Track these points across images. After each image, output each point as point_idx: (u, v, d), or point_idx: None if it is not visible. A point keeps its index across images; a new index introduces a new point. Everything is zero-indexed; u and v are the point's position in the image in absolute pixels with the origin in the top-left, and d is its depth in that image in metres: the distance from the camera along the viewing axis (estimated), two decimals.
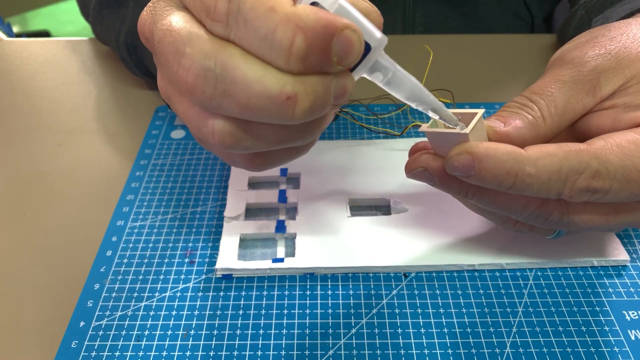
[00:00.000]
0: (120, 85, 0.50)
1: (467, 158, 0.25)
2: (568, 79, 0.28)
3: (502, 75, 0.50)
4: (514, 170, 0.25)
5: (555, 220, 0.27)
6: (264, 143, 0.22)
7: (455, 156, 0.26)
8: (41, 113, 0.47)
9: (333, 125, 0.44)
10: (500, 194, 0.27)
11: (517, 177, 0.25)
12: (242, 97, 0.20)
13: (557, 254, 0.32)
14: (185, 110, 0.22)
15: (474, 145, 0.25)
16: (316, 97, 0.20)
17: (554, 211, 0.27)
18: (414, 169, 0.28)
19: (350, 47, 0.19)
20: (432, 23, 0.58)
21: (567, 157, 0.25)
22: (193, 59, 0.20)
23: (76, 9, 0.62)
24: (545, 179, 0.25)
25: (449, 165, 0.26)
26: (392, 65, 0.22)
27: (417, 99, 0.24)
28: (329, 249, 0.33)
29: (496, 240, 0.33)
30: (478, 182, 0.26)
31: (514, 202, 0.27)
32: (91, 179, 0.40)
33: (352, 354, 0.28)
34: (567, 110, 0.27)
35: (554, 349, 0.28)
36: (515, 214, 0.27)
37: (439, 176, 0.27)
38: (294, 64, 0.19)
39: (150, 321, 0.30)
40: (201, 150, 0.41)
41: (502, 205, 0.27)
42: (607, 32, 0.29)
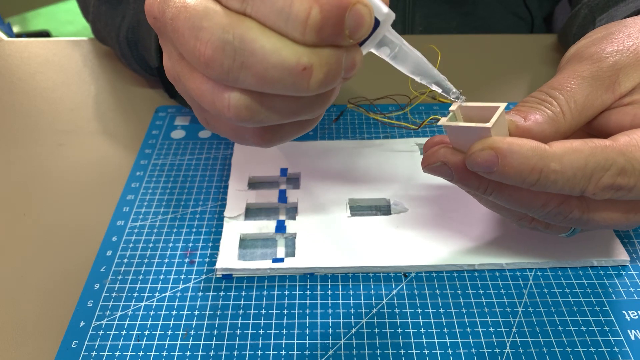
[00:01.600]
0: (121, 85, 0.50)
1: (490, 154, 0.24)
2: (587, 74, 0.27)
3: (502, 76, 0.50)
4: (539, 166, 0.24)
5: (575, 218, 0.27)
6: (278, 115, 0.23)
7: (478, 152, 0.25)
8: (41, 113, 0.47)
9: (333, 125, 0.44)
10: (520, 191, 0.26)
11: (542, 173, 0.24)
12: (260, 69, 0.20)
13: (557, 254, 0.32)
14: (198, 86, 0.23)
15: (498, 141, 0.25)
16: (329, 68, 0.21)
17: (574, 209, 0.26)
18: (432, 163, 0.27)
19: (362, 20, 0.20)
20: (432, 23, 0.58)
21: (593, 154, 0.24)
22: (212, 32, 0.20)
23: (76, 9, 0.62)
24: (570, 175, 0.24)
25: (470, 162, 0.25)
26: (398, 40, 0.23)
27: (421, 73, 0.24)
28: (329, 249, 0.33)
29: (496, 240, 0.33)
30: (500, 179, 0.25)
31: (534, 199, 0.26)
32: (91, 179, 0.40)
33: (352, 353, 0.28)
34: (587, 106, 0.27)
35: (554, 349, 0.28)
36: (534, 211, 0.27)
37: (458, 171, 0.26)
38: (310, 35, 0.20)
39: (151, 321, 0.30)
40: (201, 150, 0.41)
41: (521, 203, 0.26)
42: (624, 29, 0.29)
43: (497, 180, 0.25)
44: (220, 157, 0.41)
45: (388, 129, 0.43)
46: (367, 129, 0.43)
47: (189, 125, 0.44)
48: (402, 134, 0.43)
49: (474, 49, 0.54)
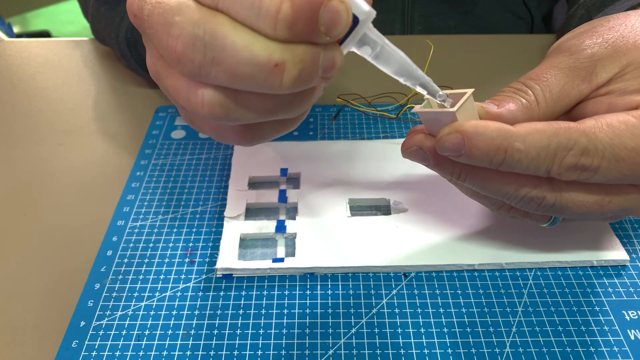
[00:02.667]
0: (121, 85, 0.50)
1: (456, 137, 0.25)
2: (564, 65, 0.28)
3: (501, 76, 0.50)
4: (504, 146, 0.25)
5: (548, 205, 0.27)
6: (254, 114, 0.23)
7: (445, 136, 0.25)
8: (42, 113, 0.47)
9: (333, 125, 0.44)
10: (492, 176, 0.27)
11: (507, 152, 0.25)
12: (231, 65, 0.20)
13: (556, 254, 0.32)
14: (174, 83, 0.23)
15: (464, 124, 0.25)
16: (304, 66, 0.20)
17: (546, 194, 0.27)
18: (409, 148, 0.28)
19: (338, 17, 0.20)
20: (431, 22, 0.58)
21: (556, 134, 0.25)
22: (182, 27, 0.20)
23: (76, 9, 0.62)
24: (534, 154, 0.25)
25: (439, 146, 0.26)
26: (380, 39, 0.23)
27: (405, 74, 0.24)
28: (329, 249, 0.33)
29: (496, 240, 0.33)
30: (469, 161, 0.26)
31: (506, 184, 0.27)
32: (92, 179, 0.40)
33: (352, 353, 0.28)
34: (562, 95, 0.27)
35: (554, 349, 0.28)
36: (509, 197, 0.27)
37: (433, 156, 0.27)
38: (281, 30, 0.20)
39: (151, 321, 0.30)
40: (201, 150, 0.41)
41: (495, 188, 0.27)
42: (606, 23, 0.30)
43: (467, 162, 0.26)
44: (220, 157, 0.41)
45: (388, 129, 0.43)
46: (367, 129, 0.43)
47: (189, 125, 0.44)
48: (402, 133, 0.43)
49: (473, 49, 0.54)
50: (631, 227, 0.35)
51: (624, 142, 0.25)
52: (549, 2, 0.63)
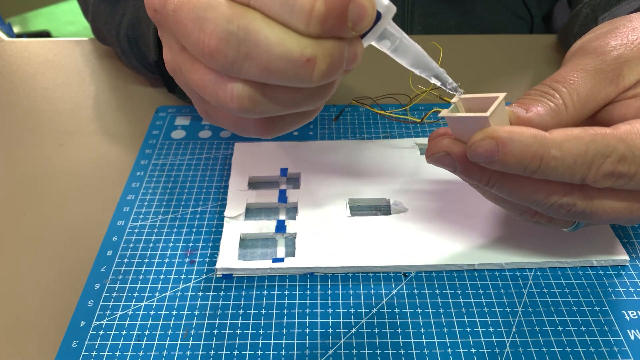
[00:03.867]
0: (121, 85, 0.50)
1: (490, 143, 0.24)
2: (591, 68, 0.27)
3: (501, 76, 0.50)
4: (539, 153, 0.24)
5: (578, 211, 0.26)
6: (280, 106, 0.23)
7: (478, 142, 0.25)
8: (42, 113, 0.47)
9: (333, 125, 0.44)
10: (522, 184, 0.26)
11: (543, 160, 0.24)
12: (264, 60, 0.21)
13: (556, 254, 0.32)
14: (200, 77, 0.23)
15: (498, 130, 0.24)
16: (332, 60, 0.21)
17: (577, 201, 0.26)
18: (435, 153, 0.27)
19: (365, 12, 0.20)
20: (431, 22, 0.58)
21: (594, 140, 0.24)
22: (216, 24, 0.21)
23: (77, 9, 0.62)
24: (570, 162, 0.24)
25: (471, 152, 0.25)
26: (399, 33, 0.23)
27: (421, 66, 0.25)
28: (329, 249, 0.33)
29: (496, 240, 0.33)
30: (501, 168, 0.25)
31: (536, 191, 0.26)
32: (92, 178, 0.40)
33: (352, 353, 0.28)
34: (590, 99, 0.27)
35: (554, 349, 0.28)
36: (537, 204, 0.27)
37: (461, 162, 0.26)
38: (314, 27, 0.20)
39: (151, 321, 0.30)
40: (201, 150, 0.41)
41: (524, 195, 0.26)
42: (629, 23, 0.29)
43: (499, 169, 0.25)
44: (220, 157, 0.41)
45: (388, 129, 0.43)
46: (367, 129, 0.43)
47: (189, 125, 0.44)
48: (402, 133, 0.43)
49: (473, 49, 0.54)
50: (631, 227, 0.35)
51: None
52: (548, 2, 0.63)
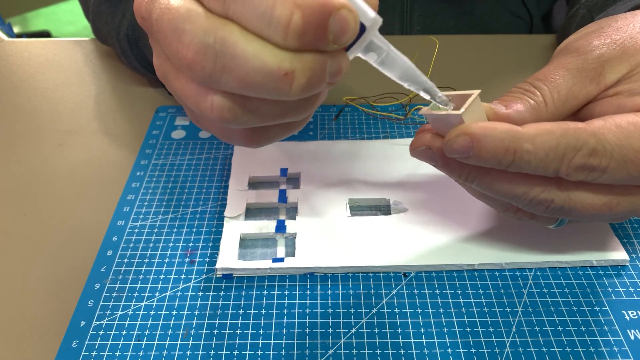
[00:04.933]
0: (121, 85, 0.50)
1: (465, 140, 0.25)
2: (572, 66, 0.28)
3: (500, 76, 0.50)
4: (512, 147, 0.25)
5: (557, 207, 0.27)
6: (261, 118, 0.23)
7: (453, 138, 0.25)
8: (42, 113, 0.47)
9: (333, 125, 0.44)
10: (500, 178, 0.26)
11: (516, 154, 0.25)
12: (241, 73, 0.20)
13: (556, 254, 0.32)
14: (183, 87, 0.23)
15: (471, 126, 0.25)
16: (312, 74, 0.21)
17: (555, 197, 0.26)
18: (417, 147, 0.28)
19: (346, 26, 0.20)
20: (430, 22, 0.58)
21: (565, 134, 0.25)
22: (193, 35, 0.21)
23: (77, 9, 0.62)
24: (542, 155, 0.25)
25: (447, 148, 0.26)
26: (385, 46, 0.23)
27: (409, 79, 0.25)
28: (329, 249, 0.33)
29: (496, 240, 0.33)
30: (477, 163, 0.26)
31: (515, 186, 0.26)
32: (92, 178, 0.40)
33: (352, 353, 0.28)
34: (570, 97, 0.27)
35: (554, 349, 0.28)
36: (517, 200, 0.27)
37: (441, 156, 0.27)
38: (291, 40, 0.20)
39: (151, 321, 0.30)
40: (201, 150, 0.41)
41: (503, 191, 0.27)
42: (614, 23, 0.29)
43: (475, 164, 0.26)
44: (220, 157, 0.41)
45: (388, 129, 0.43)
46: (367, 129, 0.43)
47: (189, 125, 0.44)
48: (402, 133, 0.43)
49: (472, 49, 0.54)
50: (631, 227, 0.35)
51: (632, 143, 0.25)
52: (547, 2, 0.63)
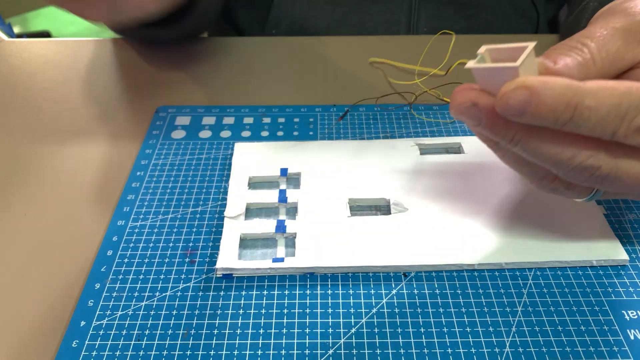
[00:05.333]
0: (121, 85, 0.50)
1: (523, 94, 0.23)
2: (619, 26, 0.27)
3: None
4: (573, 102, 0.23)
5: (602, 175, 0.25)
6: None
7: (511, 92, 0.23)
8: (42, 113, 0.47)
9: (333, 125, 0.44)
10: (549, 139, 0.25)
11: (576, 109, 0.23)
12: None
13: (556, 254, 0.32)
14: None
15: (531, 79, 0.23)
16: None
17: (602, 164, 0.25)
18: (462, 103, 0.26)
19: None
20: (437, 25, 0.58)
21: (629, 92, 0.24)
22: None
23: None
24: (604, 113, 0.23)
25: (502, 104, 0.24)
26: None
27: None
28: (329, 249, 0.33)
29: (496, 240, 0.33)
30: (532, 120, 0.24)
31: (562, 149, 0.25)
32: (92, 178, 0.40)
33: (352, 353, 0.28)
34: (617, 57, 0.26)
35: (553, 349, 0.28)
36: (561, 165, 0.25)
37: (487, 114, 0.25)
38: None
39: (151, 320, 0.30)
40: (201, 150, 0.41)
41: (549, 154, 0.25)
42: None
43: (529, 122, 0.24)
44: (220, 157, 0.41)
45: (388, 129, 0.43)
46: (367, 129, 0.43)
47: (189, 125, 0.44)
48: (402, 133, 0.43)
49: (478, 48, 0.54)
50: (631, 227, 0.35)
51: None
52: (555, 4, 0.63)
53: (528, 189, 0.36)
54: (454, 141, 0.41)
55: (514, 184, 0.37)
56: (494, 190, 0.36)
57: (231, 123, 0.44)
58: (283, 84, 0.50)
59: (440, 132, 0.43)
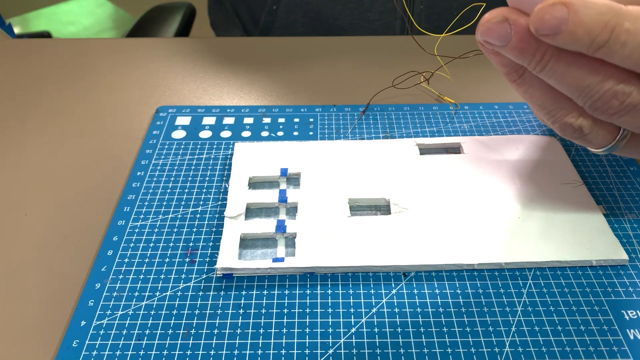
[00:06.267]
0: (121, 85, 0.50)
1: (561, 10, 0.22)
2: None
3: None
4: (612, 23, 0.22)
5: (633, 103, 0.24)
6: None
7: (548, 7, 0.22)
8: (42, 113, 0.47)
9: (333, 125, 0.44)
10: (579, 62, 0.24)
11: (614, 32, 0.22)
12: None
13: (556, 254, 0.32)
14: None
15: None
16: None
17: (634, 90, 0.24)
18: (492, 18, 0.25)
19: None
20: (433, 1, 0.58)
21: None
22: None
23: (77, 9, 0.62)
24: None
25: (537, 20, 0.23)
26: None
27: None
28: (329, 248, 0.33)
29: (495, 240, 0.33)
30: (566, 40, 0.23)
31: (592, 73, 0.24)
32: (92, 178, 0.40)
33: (352, 353, 0.28)
34: None
35: (553, 348, 0.28)
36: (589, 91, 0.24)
37: (518, 32, 0.24)
38: None
39: (151, 320, 0.30)
40: (201, 150, 0.42)
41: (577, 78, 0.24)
42: None
43: (562, 43, 0.23)
44: (220, 157, 0.41)
45: (388, 129, 0.43)
46: (367, 129, 0.43)
47: (189, 125, 0.44)
48: (402, 134, 0.43)
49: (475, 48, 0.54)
50: (631, 227, 0.35)
51: None
52: None
53: (528, 189, 0.36)
54: (454, 141, 0.41)
55: (514, 184, 0.37)
56: (494, 190, 0.36)
57: (231, 123, 0.44)
58: (283, 84, 0.50)
59: (440, 132, 0.43)
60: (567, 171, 0.38)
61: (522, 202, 0.36)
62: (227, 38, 0.58)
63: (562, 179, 0.37)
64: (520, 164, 0.38)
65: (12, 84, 0.50)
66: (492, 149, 0.40)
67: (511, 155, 0.39)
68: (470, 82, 0.49)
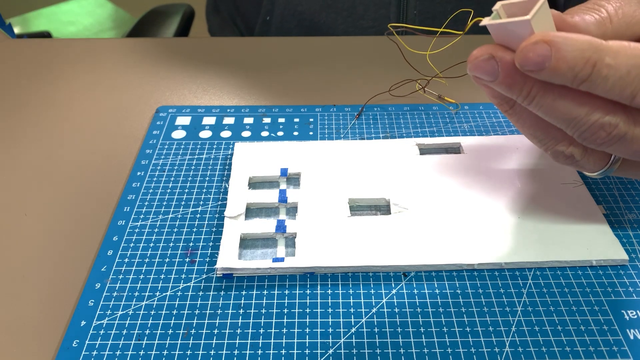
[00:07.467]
0: (121, 85, 0.50)
1: (544, 48, 0.23)
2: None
3: None
4: (593, 59, 0.23)
5: (619, 135, 0.25)
6: None
7: (531, 45, 0.23)
8: (42, 113, 0.47)
9: (333, 125, 0.44)
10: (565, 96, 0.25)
11: (595, 67, 0.23)
12: None
13: (556, 254, 0.32)
14: None
15: (551, 34, 0.23)
16: None
17: (620, 122, 0.25)
18: (479, 55, 0.26)
19: None
20: (427, 6, 0.58)
21: None
22: None
23: (77, 9, 0.62)
24: (623, 72, 0.23)
25: (522, 57, 0.24)
26: None
27: None
28: (329, 248, 0.33)
29: (495, 240, 0.33)
30: (550, 75, 0.24)
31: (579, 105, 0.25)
32: (92, 178, 0.40)
33: (352, 353, 0.28)
34: (634, 21, 0.26)
35: (553, 348, 0.28)
36: (577, 123, 0.25)
37: (505, 68, 0.25)
38: None
39: (151, 320, 0.30)
40: (201, 150, 0.42)
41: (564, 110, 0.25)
42: None
43: (546, 78, 0.24)
44: (220, 157, 0.41)
45: (388, 129, 0.43)
46: (367, 129, 0.43)
47: (189, 125, 0.44)
48: (402, 134, 0.43)
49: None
50: (630, 227, 0.35)
51: None
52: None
53: (528, 189, 0.36)
54: (454, 141, 0.41)
55: (514, 184, 0.37)
56: (494, 190, 0.36)
57: (231, 123, 0.44)
58: (283, 84, 0.50)
59: (440, 132, 0.43)
60: (567, 171, 0.38)
61: (522, 202, 0.36)
62: (227, 38, 0.58)
63: (562, 178, 0.37)
64: (520, 164, 0.38)
65: (12, 84, 0.50)
66: (492, 149, 0.40)
67: (511, 155, 0.39)
68: (470, 82, 0.49)
